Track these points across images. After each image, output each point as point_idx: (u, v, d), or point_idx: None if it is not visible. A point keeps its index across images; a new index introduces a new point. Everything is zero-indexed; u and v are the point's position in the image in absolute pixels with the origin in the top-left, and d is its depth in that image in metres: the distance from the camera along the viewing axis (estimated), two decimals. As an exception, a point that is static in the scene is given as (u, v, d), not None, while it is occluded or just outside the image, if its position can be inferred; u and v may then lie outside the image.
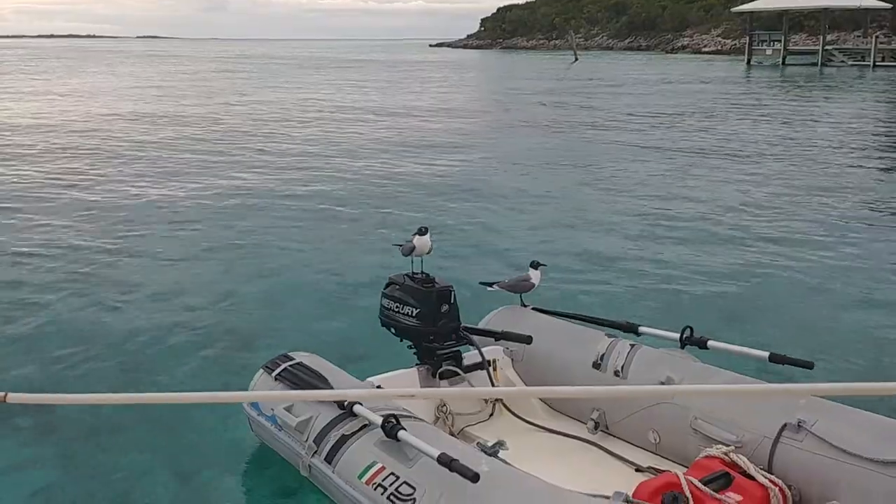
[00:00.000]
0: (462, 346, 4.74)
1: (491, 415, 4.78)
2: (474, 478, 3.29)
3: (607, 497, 3.34)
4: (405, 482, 3.57)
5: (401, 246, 4.87)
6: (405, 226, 9.62)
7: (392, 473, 3.64)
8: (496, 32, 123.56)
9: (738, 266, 8.79)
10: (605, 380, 4.50)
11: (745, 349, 4.43)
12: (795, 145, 18.29)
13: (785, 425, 3.77)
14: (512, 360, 4.94)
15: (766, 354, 4.26)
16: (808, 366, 4.15)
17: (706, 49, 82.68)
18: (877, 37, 56.26)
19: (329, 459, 3.91)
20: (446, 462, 3.39)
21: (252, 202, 12.01)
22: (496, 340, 4.83)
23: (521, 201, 12.26)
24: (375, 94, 34.23)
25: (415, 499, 3.49)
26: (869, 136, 20.14)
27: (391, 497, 3.57)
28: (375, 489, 3.65)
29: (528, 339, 4.69)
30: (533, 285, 5.03)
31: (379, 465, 3.70)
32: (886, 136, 20.76)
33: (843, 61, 55.26)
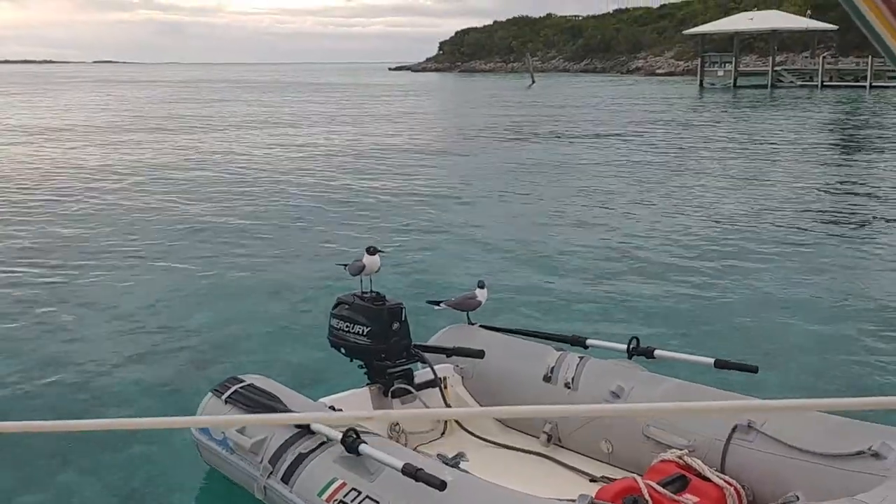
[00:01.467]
0: (413, 363, 4.72)
1: (443, 433, 4.77)
2: (441, 486, 3.26)
3: (573, 500, 3.38)
4: (368, 496, 3.51)
5: (346, 266, 4.83)
6: (350, 247, 9.63)
7: (354, 489, 3.57)
8: (454, 56, 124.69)
9: (682, 280, 8.97)
10: (556, 393, 4.53)
11: (691, 356, 4.53)
12: (742, 164, 18.72)
13: (735, 427, 3.85)
14: (462, 377, 4.93)
15: (711, 361, 4.33)
16: (752, 370, 4.23)
17: (660, 71, 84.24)
18: (824, 57, 57.88)
19: (286, 479, 3.82)
20: (411, 472, 3.35)
21: (199, 228, 11.90)
22: (448, 357, 4.81)
23: (467, 222, 12.35)
24: (331, 114, 34.24)
25: None
26: (813, 156, 20.65)
27: None
28: None
29: (480, 354, 4.66)
30: (479, 303, 5.04)
31: (340, 482, 3.63)
32: (829, 156, 21.31)
33: (791, 81, 56.66)
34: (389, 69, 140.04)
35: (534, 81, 69.08)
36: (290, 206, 13.61)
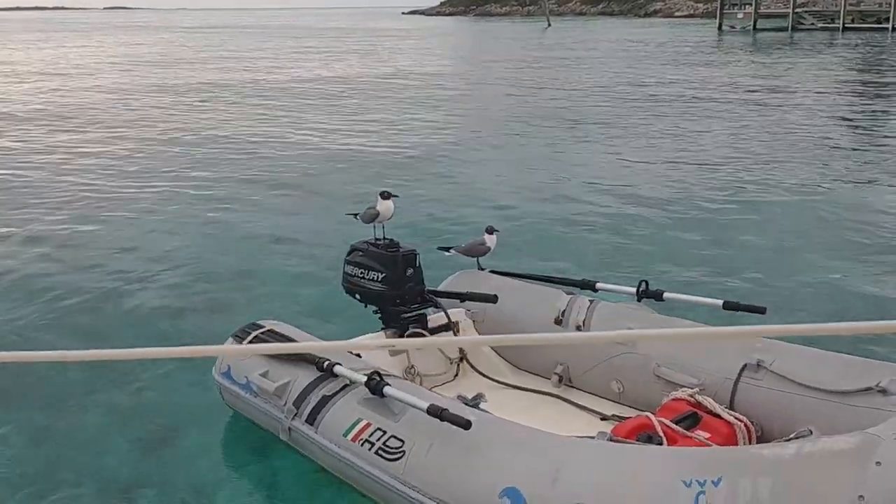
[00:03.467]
0: (426, 308, 4.79)
1: (456, 374, 4.89)
2: (467, 425, 3.36)
3: (591, 437, 3.51)
4: (393, 436, 3.63)
5: (357, 214, 4.86)
6: (362, 195, 9.67)
7: (379, 429, 3.69)
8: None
9: (692, 223, 9.04)
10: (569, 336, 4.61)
11: (700, 298, 4.56)
12: (756, 108, 18.55)
13: (745, 366, 3.95)
14: (474, 321, 5.01)
15: (720, 302, 4.40)
16: (761, 311, 4.27)
17: (678, 13, 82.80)
18: (846, -2, 56.56)
19: (311, 421, 3.94)
20: (437, 412, 3.45)
21: (215, 177, 11.99)
22: (461, 302, 4.87)
23: (476, 168, 12.39)
24: (342, 65, 34.01)
25: (404, 451, 3.56)
26: (829, 100, 20.40)
27: (379, 451, 3.63)
28: (362, 445, 3.70)
29: (493, 299, 4.72)
30: (489, 249, 5.08)
31: (364, 422, 3.75)
32: (845, 101, 21.04)
33: (812, 24, 55.56)
34: (402, 13, 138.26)
35: (549, 25, 68.21)
36: (301, 156, 13.63)
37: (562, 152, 13.60)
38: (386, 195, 4.75)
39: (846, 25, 52.65)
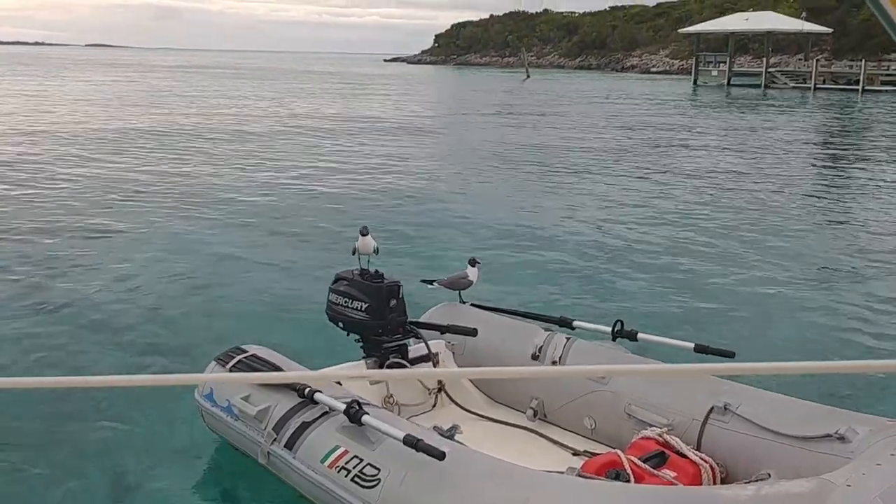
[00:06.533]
0: (407, 339, 4.89)
1: (434, 405, 4.97)
2: (441, 456, 3.44)
3: (561, 472, 3.60)
4: (369, 464, 3.69)
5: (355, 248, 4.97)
6: (350, 228, 9.84)
7: (356, 456, 3.74)
8: (450, 49, 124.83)
9: (667, 268, 9.26)
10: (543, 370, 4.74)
11: (672, 340, 4.68)
12: (727, 159, 19.04)
13: (712, 408, 4.06)
14: (454, 353, 5.10)
15: (691, 345, 4.52)
16: (730, 355, 4.42)
17: (654, 69, 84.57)
18: (817, 60, 58.31)
19: (290, 446, 3.99)
20: (412, 442, 3.52)
21: (201, 206, 12.09)
22: (441, 334, 4.97)
23: (461, 208, 12.62)
24: (327, 105, 34.34)
25: (379, 479, 3.61)
26: (804, 155, 20.94)
27: (355, 479, 3.68)
28: (339, 472, 3.75)
29: (473, 332, 4.82)
30: (471, 282, 5.18)
31: (342, 449, 3.80)
32: (815, 155, 21.62)
33: (785, 83, 57.04)
34: (385, 60, 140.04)
35: (528, 76, 69.40)
36: (291, 187, 13.81)
37: (544, 196, 13.88)
38: (365, 231, 4.86)
39: (817, 86, 54.14)
